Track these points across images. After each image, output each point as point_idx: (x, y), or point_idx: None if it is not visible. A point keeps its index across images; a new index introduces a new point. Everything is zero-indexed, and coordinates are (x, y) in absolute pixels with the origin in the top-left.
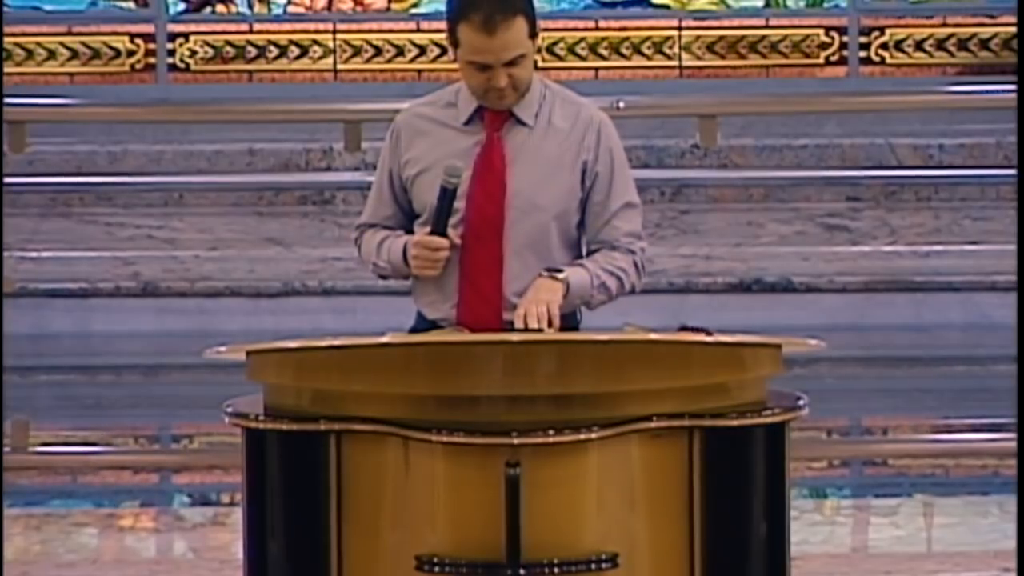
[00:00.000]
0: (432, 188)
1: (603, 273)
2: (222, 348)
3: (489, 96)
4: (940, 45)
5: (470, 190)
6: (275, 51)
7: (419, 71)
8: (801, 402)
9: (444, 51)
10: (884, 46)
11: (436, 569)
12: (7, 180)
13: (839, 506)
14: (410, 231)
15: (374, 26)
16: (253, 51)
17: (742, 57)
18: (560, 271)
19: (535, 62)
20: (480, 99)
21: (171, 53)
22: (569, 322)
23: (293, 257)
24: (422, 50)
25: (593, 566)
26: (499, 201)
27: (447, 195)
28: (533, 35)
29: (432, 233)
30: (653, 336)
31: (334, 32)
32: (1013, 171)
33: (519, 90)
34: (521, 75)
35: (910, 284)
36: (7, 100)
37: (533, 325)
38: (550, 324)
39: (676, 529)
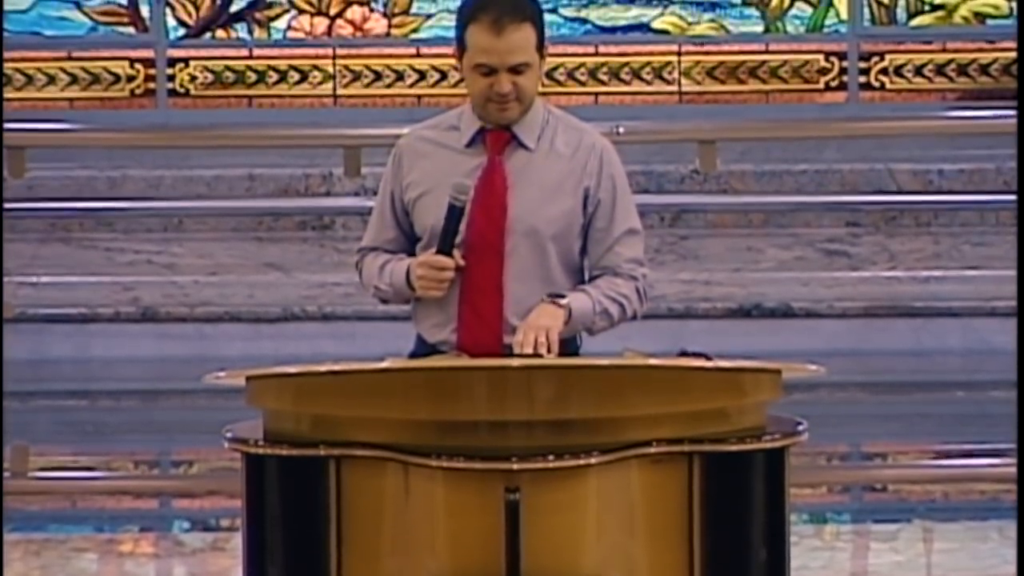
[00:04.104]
0: (433, 211)
1: (605, 299)
2: (221, 373)
3: (491, 106)
4: (940, 70)
5: (471, 213)
6: (275, 76)
7: (419, 96)
8: (801, 427)
9: (444, 76)
10: (884, 71)
11: None
12: (7, 205)
13: (839, 531)
14: (412, 254)
15: (374, 51)
16: (253, 76)
17: (741, 82)
18: (563, 296)
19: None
20: (481, 110)
21: (171, 78)
22: (569, 347)
23: (293, 282)
24: (422, 75)
25: None
26: (499, 224)
27: (455, 213)
28: (540, 49)
29: (438, 252)
30: (653, 361)
31: (334, 57)
32: (1013, 196)
33: (522, 102)
34: (525, 85)
35: (910, 309)
36: (7, 125)
37: (528, 351)
38: (549, 350)
39: (676, 554)
